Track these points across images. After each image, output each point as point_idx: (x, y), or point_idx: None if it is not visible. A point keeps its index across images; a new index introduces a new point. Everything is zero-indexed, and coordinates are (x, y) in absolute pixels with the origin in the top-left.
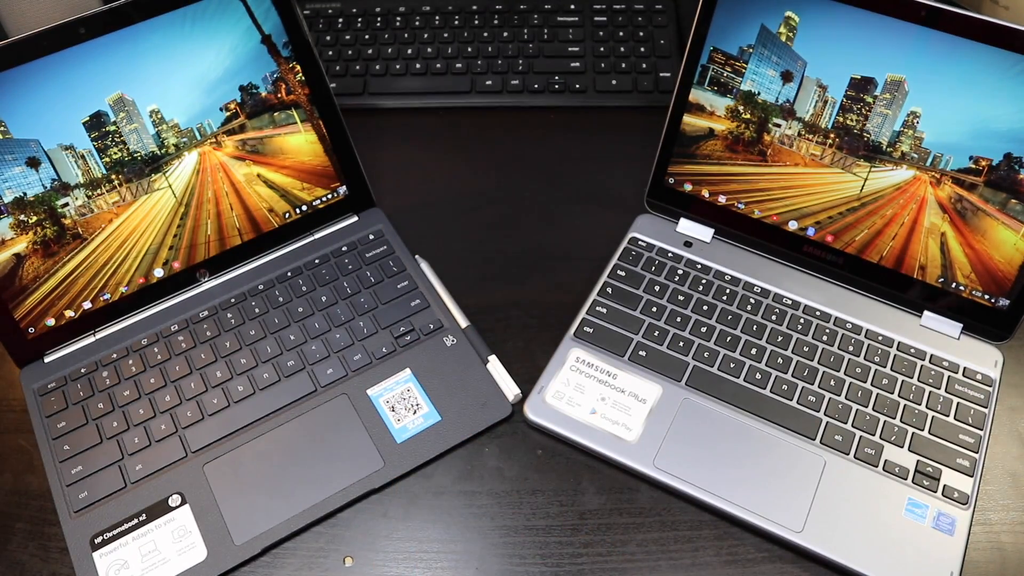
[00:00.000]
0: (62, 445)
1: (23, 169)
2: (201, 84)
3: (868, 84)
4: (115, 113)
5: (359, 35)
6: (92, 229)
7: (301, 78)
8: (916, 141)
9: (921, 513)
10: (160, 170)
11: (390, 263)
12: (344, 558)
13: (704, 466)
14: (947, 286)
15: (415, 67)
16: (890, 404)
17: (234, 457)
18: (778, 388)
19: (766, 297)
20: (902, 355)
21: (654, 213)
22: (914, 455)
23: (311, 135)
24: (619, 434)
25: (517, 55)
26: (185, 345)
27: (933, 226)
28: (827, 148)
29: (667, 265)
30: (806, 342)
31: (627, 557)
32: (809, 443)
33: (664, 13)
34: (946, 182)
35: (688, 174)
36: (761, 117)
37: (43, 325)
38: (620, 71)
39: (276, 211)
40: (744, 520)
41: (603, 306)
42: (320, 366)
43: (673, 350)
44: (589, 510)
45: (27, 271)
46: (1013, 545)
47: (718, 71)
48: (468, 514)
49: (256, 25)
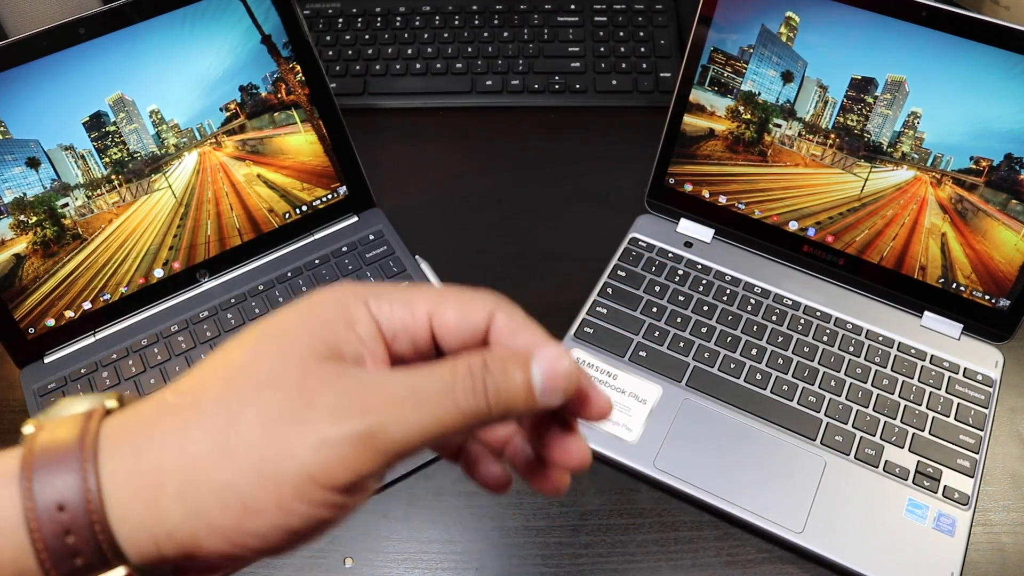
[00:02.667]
0: None
1: (23, 169)
2: (201, 84)
3: (869, 84)
4: (115, 113)
5: (359, 35)
6: (92, 229)
7: (301, 78)
8: (917, 141)
9: (921, 514)
10: (160, 170)
11: (390, 263)
12: (344, 559)
13: (704, 467)
14: (947, 287)
15: (415, 67)
16: (890, 405)
17: None
18: (778, 389)
19: (766, 297)
20: (902, 355)
21: (654, 213)
22: (914, 456)
23: (311, 135)
24: (619, 435)
25: (517, 55)
26: (185, 346)
27: (934, 226)
28: (827, 148)
29: (667, 265)
30: (806, 343)
31: (627, 558)
32: (809, 444)
33: (664, 13)
34: (947, 182)
35: (688, 174)
36: (761, 117)
37: (43, 325)
38: (620, 71)
39: (276, 211)
40: (744, 521)
41: (603, 306)
42: None
43: (673, 351)
44: (589, 510)
45: (27, 271)
46: (1013, 546)
47: (718, 71)
48: (468, 515)
49: (256, 25)
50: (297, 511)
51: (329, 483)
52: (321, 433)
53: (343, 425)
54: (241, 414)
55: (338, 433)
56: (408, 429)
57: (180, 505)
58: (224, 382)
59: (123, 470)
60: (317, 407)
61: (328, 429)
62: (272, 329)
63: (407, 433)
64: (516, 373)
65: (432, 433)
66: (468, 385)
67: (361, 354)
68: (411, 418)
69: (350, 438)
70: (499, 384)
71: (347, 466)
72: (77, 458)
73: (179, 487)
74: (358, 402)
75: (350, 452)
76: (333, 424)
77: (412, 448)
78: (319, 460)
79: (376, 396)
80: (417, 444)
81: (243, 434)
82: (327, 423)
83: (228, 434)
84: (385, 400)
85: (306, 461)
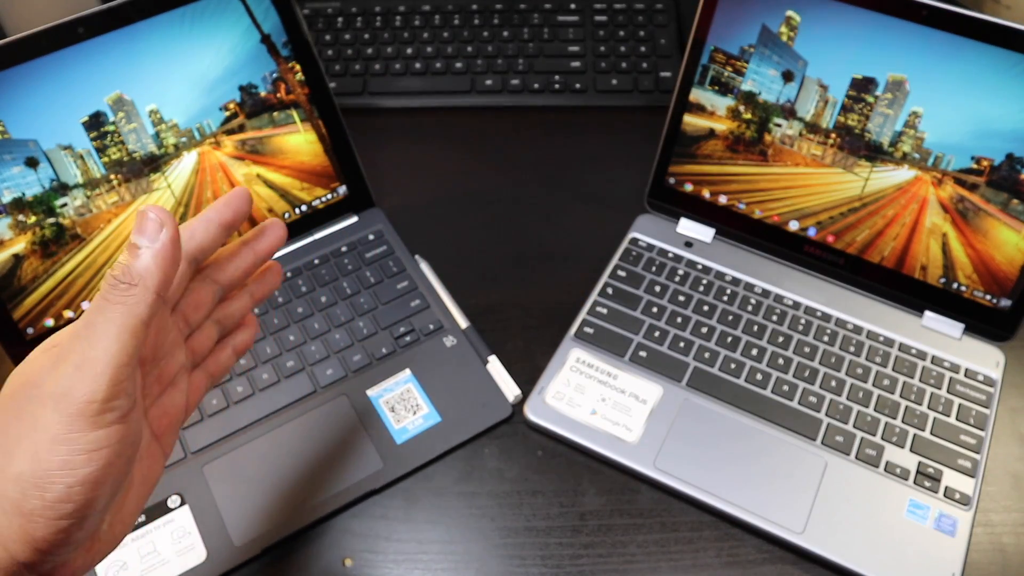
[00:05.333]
0: None
1: (21, 169)
2: (200, 84)
3: (869, 84)
4: (114, 113)
5: (359, 35)
6: (91, 229)
7: (301, 78)
8: (917, 141)
9: (922, 514)
10: (159, 170)
11: (390, 263)
12: (344, 559)
13: (705, 467)
14: (948, 286)
15: (415, 67)
16: (891, 405)
17: (233, 458)
18: (779, 389)
19: (767, 297)
20: (903, 356)
21: (655, 213)
22: (915, 456)
23: (311, 135)
24: (619, 435)
25: (517, 55)
26: None
27: (934, 226)
28: (828, 148)
29: (668, 265)
30: (807, 343)
31: (628, 558)
32: (810, 444)
33: (664, 12)
34: (947, 182)
35: (689, 174)
36: (762, 117)
37: (42, 326)
38: (620, 71)
39: (275, 211)
40: (745, 521)
41: (603, 306)
42: (319, 367)
43: (674, 351)
44: (589, 511)
45: (26, 271)
46: (1015, 546)
47: (719, 71)
48: (468, 515)
49: (255, 24)
50: (77, 462)
51: (79, 427)
52: (52, 402)
53: (60, 397)
54: (6, 429)
55: (62, 396)
56: (79, 375)
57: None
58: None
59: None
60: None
61: (57, 398)
62: (13, 380)
63: (83, 376)
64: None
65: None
66: (100, 299)
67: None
68: (71, 370)
69: (65, 392)
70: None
71: (75, 411)
72: None
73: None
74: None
75: (73, 402)
76: (58, 396)
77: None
78: (61, 417)
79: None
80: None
81: (11, 437)
82: (55, 397)
83: (3, 444)
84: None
85: (55, 422)
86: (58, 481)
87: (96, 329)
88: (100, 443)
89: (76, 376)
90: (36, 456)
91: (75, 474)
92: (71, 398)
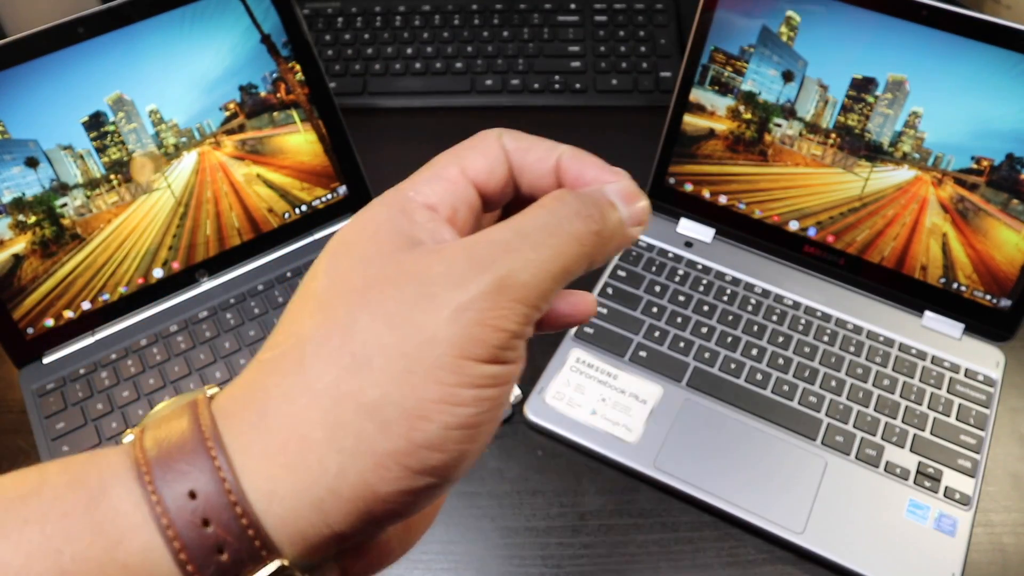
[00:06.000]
0: (61, 446)
1: (21, 169)
2: (200, 84)
3: (869, 84)
4: (114, 113)
5: (359, 35)
6: (91, 229)
7: (300, 78)
8: (917, 141)
9: (922, 514)
10: (159, 170)
11: None
12: None
13: (705, 467)
14: (948, 286)
15: (415, 67)
16: (891, 405)
17: None
18: (779, 389)
19: (767, 298)
20: (903, 356)
21: (655, 213)
22: (915, 456)
23: (311, 135)
24: (620, 435)
25: (517, 55)
26: (184, 346)
27: (935, 226)
28: (828, 148)
29: (668, 266)
30: (807, 343)
31: (628, 558)
32: (810, 444)
33: (665, 13)
34: (947, 182)
35: (689, 174)
36: (762, 117)
37: (42, 325)
38: (620, 71)
39: (275, 211)
40: (745, 521)
41: (603, 306)
42: None
43: (674, 351)
44: (590, 511)
45: (26, 271)
46: (1015, 546)
47: (719, 71)
48: (468, 515)
49: (255, 24)
50: (464, 398)
51: (480, 353)
52: (451, 302)
53: (469, 286)
54: (355, 326)
55: (468, 295)
56: (535, 269)
57: (335, 449)
58: (317, 310)
59: (254, 440)
60: (433, 281)
61: (456, 295)
62: (338, 248)
63: (535, 274)
64: (611, 212)
65: (557, 270)
66: (573, 210)
67: (435, 231)
68: (532, 257)
69: (483, 294)
70: (604, 214)
71: (491, 325)
72: (197, 440)
73: (326, 431)
74: (470, 261)
75: (488, 310)
76: (458, 289)
77: (544, 292)
78: (462, 331)
79: (485, 250)
80: (547, 286)
81: (369, 343)
82: (452, 290)
83: (352, 352)
84: (497, 250)
85: (450, 337)
86: (435, 418)
87: (534, 234)
88: (497, 379)
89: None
90: (408, 379)
91: (457, 414)
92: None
